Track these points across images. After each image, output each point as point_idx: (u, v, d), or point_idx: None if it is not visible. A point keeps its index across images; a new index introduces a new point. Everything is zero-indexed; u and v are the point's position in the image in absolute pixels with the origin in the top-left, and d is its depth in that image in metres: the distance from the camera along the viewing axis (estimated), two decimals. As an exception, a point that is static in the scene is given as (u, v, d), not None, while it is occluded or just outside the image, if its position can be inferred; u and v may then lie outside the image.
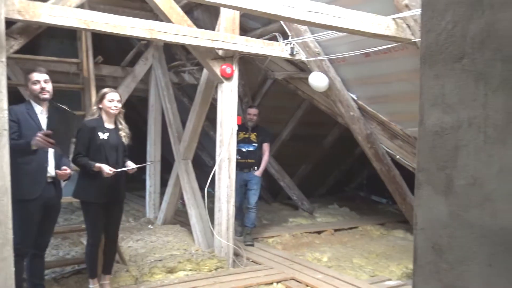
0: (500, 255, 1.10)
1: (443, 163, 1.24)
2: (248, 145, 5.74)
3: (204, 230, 5.37)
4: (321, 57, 5.03)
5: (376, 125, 5.34)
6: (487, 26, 1.15)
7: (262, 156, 5.77)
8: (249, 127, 5.78)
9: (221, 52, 4.68)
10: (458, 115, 1.21)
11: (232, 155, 4.77)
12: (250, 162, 5.73)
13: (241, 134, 5.64)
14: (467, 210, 1.17)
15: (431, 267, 1.25)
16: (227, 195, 4.75)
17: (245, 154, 5.70)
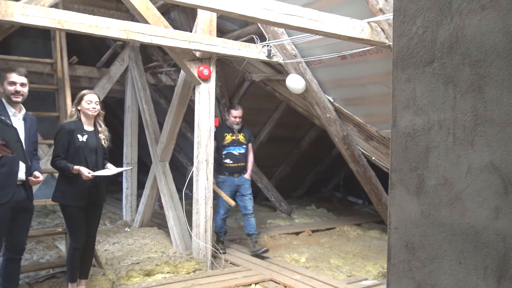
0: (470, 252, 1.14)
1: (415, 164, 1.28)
2: (239, 147, 5.34)
3: (182, 232, 5.34)
4: (298, 59, 5.07)
5: (352, 127, 5.40)
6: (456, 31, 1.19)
7: (248, 157, 5.46)
8: (234, 129, 5.37)
9: (198, 54, 4.67)
10: (428, 118, 1.25)
11: (210, 157, 4.76)
12: (242, 165, 5.35)
13: (228, 136, 5.31)
14: (438, 209, 1.21)
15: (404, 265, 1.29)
16: (205, 196, 4.74)
17: (237, 157, 5.31)
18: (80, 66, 6.54)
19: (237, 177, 5.30)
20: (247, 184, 5.33)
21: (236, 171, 5.30)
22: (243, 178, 5.33)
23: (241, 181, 5.31)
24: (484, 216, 1.11)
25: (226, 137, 5.28)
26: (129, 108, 6.82)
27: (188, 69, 4.64)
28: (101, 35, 3.83)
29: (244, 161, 5.37)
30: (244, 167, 5.38)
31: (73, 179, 3.54)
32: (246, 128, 5.50)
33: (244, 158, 5.36)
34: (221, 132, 5.27)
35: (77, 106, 3.67)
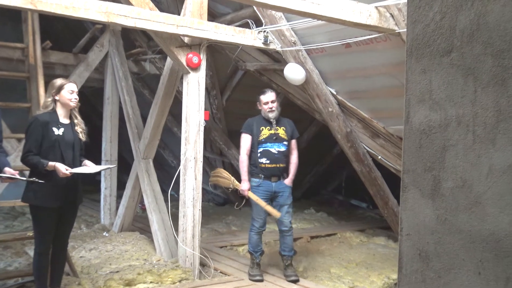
0: (490, 262, 1.14)
1: (430, 164, 1.28)
2: (278, 143, 4.69)
3: (166, 238, 5.33)
4: (298, 47, 5.07)
5: (356, 123, 5.42)
6: (477, 18, 1.19)
7: (290, 157, 4.81)
8: (272, 121, 4.74)
9: (187, 40, 4.65)
10: (446, 113, 1.25)
11: (198, 154, 4.76)
12: (281, 167, 4.71)
13: (265, 131, 4.73)
14: (455, 214, 1.21)
15: (417, 275, 1.29)
16: (192, 198, 4.73)
17: (276, 157, 4.67)
18: (54, 51, 6.49)
19: (275, 182, 4.69)
20: (287, 192, 4.72)
21: (274, 173, 4.68)
22: (282, 183, 4.71)
23: (280, 187, 4.70)
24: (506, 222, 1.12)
25: (262, 131, 4.72)
26: (109, 99, 6.78)
27: (176, 57, 4.62)
28: (78, 17, 3.80)
29: (285, 162, 4.73)
30: (285, 170, 4.75)
31: (47, 177, 3.51)
32: (287, 120, 4.87)
33: (284, 158, 4.72)
34: (257, 125, 4.77)
35: (55, 96, 3.64)
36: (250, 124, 4.82)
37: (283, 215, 4.72)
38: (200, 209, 4.81)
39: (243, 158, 4.77)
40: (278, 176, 4.70)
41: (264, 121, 4.77)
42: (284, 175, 4.75)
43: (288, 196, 4.73)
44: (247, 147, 4.77)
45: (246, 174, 4.73)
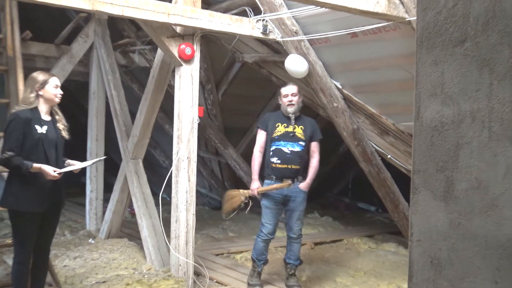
0: (508, 270, 1.14)
1: (442, 164, 1.28)
2: (292, 143, 4.64)
3: (158, 245, 5.33)
4: (300, 37, 5.06)
5: (364, 119, 5.42)
6: (493, 5, 1.19)
7: (310, 161, 4.77)
8: (291, 116, 4.68)
9: (179, 29, 4.64)
10: (459, 108, 1.25)
11: (192, 154, 4.75)
12: (294, 169, 4.64)
13: (281, 128, 4.68)
14: (470, 218, 1.21)
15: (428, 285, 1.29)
16: (186, 202, 4.73)
17: (287, 157, 4.62)
18: (35, 42, 6.48)
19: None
20: (300, 198, 4.68)
21: (285, 175, 4.62)
22: (296, 188, 4.65)
23: (293, 191, 4.63)
24: (525, 227, 1.12)
25: (277, 128, 4.68)
26: (95, 94, 6.78)
27: (167, 48, 4.61)
28: (61, 5, 3.79)
29: (300, 164, 4.67)
30: (299, 173, 4.68)
31: (30, 179, 3.50)
32: (309, 120, 4.83)
33: (299, 160, 4.66)
34: (273, 121, 4.75)
35: (39, 91, 3.63)
36: (267, 119, 4.81)
37: (293, 222, 4.72)
38: (194, 214, 4.81)
39: (255, 156, 4.78)
40: (291, 179, 4.63)
41: (283, 117, 4.74)
42: (299, 178, 4.69)
43: (301, 202, 4.71)
44: (260, 143, 4.78)
45: (256, 173, 4.74)
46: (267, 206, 4.69)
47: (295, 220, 4.72)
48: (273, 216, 4.68)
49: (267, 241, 4.76)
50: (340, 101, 5.34)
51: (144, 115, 5.50)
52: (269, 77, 6.12)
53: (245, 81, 7.25)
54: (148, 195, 5.64)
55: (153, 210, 5.55)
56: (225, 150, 7.87)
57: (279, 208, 4.72)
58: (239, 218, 8.06)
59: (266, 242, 4.77)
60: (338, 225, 7.86)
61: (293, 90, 4.71)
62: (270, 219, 4.69)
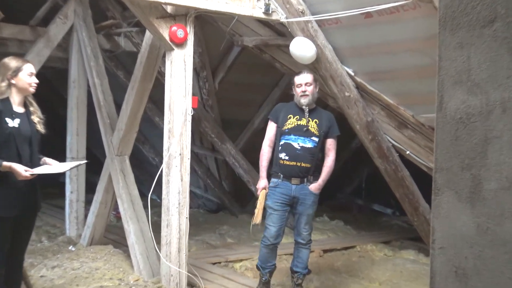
0: (541, 281, 1.14)
1: (468, 161, 1.27)
2: (304, 138, 4.62)
3: (146, 253, 5.34)
4: (306, 17, 5.05)
5: (379, 110, 5.41)
6: (527, -21, 1.18)
7: (325, 159, 4.76)
8: (304, 109, 4.67)
9: (170, 9, 4.63)
10: (488, 97, 1.24)
11: (185, 150, 4.75)
12: (304, 167, 4.62)
13: (293, 120, 4.68)
14: (500, 222, 1.21)
15: (452, 298, 1.29)
16: (178, 204, 4.73)
17: (297, 153, 4.62)
18: (7, 24, 6.46)
19: (296, 185, 4.64)
20: (309, 200, 4.68)
21: (293, 174, 4.63)
22: (305, 189, 4.65)
23: (302, 192, 4.64)
24: (562, 232, 1.11)
25: (289, 120, 4.68)
26: (75, 82, 6.77)
27: (157, 30, 4.60)
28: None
29: (311, 162, 4.64)
30: (309, 172, 4.67)
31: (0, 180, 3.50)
32: (326, 114, 4.85)
33: (310, 157, 4.63)
34: (285, 112, 4.76)
35: (11, 79, 3.62)
36: (278, 110, 4.81)
37: (301, 226, 4.74)
38: (188, 217, 4.81)
39: (263, 150, 4.80)
40: (300, 178, 4.64)
41: (296, 108, 4.73)
42: (310, 178, 4.68)
43: (311, 205, 4.70)
44: (269, 136, 4.79)
45: (263, 170, 4.75)
46: (272, 207, 4.68)
47: (304, 224, 4.73)
48: (279, 218, 4.67)
49: (270, 246, 4.74)
50: (352, 90, 5.33)
51: (131, 106, 5.49)
52: (272, 63, 6.10)
53: (245, 68, 7.23)
54: (135, 196, 5.65)
55: (141, 213, 5.55)
56: (222, 145, 7.86)
57: (285, 210, 4.70)
58: (238, 222, 8.08)
59: (269, 248, 4.75)
60: (350, 230, 7.86)
61: (307, 79, 4.69)
62: (275, 221, 4.67)
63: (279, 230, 4.69)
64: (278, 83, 7.70)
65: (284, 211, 4.69)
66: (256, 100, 7.95)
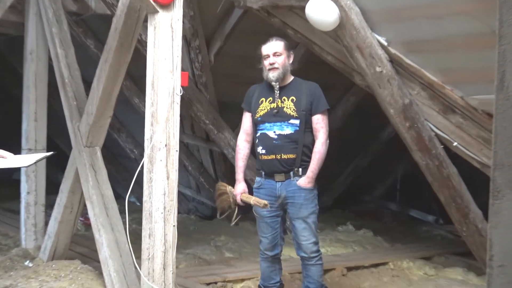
0: None
1: (537, 155, 1.26)
2: (280, 123, 4.70)
3: (123, 270, 5.34)
4: (328, -29, 5.04)
5: (419, 90, 5.40)
6: None
7: (314, 143, 4.77)
8: (274, 85, 4.75)
9: (153, -40, 4.62)
10: None
11: (172, 140, 4.74)
12: (287, 158, 4.70)
13: (265, 104, 4.78)
14: None
15: (514, 330, 1.28)
16: (163, 208, 4.73)
17: (274, 144, 4.70)
18: None
19: (280, 182, 4.73)
20: (300, 198, 4.70)
21: (274, 169, 4.73)
22: (292, 184, 4.71)
23: (289, 190, 4.71)
24: None
25: (261, 105, 4.79)
26: (32, 53, 6.76)
27: (136, -13, 4.59)
28: None
29: (294, 151, 4.70)
30: (296, 164, 4.72)
31: None
32: (307, 85, 4.84)
33: (291, 146, 4.69)
34: (257, 95, 4.86)
35: None
36: (250, 94, 4.89)
37: (298, 234, 4.75)
38: (176, 225, 4.81)
39: (238, 148, 4.95)
40: (285, 173, 4.72)
41: (268, 88, 4.83)
42: (298, 171, 4.73)
43: (302, 204, 4.71)
44: (245, 129, 4.91)
45: (239, 172, 4.90)
46: (258, 213, 4.77)
47: (300, 230, 4.73)
48: (268, 226, 4.78)
49: (269, 260, 4.84)
50: (385, 65, 5.31)
51: (104, 84, 5.48)
52: (283, 29, 6.08)
53: (248, 36, 7.20)
54: (109, 199, 5.65)
55: (117, 220, 5.56)
56: (219, 133, 7.86)
57: (276, 216, 4.79)
58: (240, 231, 8.10)
59: (268, 261, 4.85)
60: (381, 242, 7.86)
61: (276, 47, 4.78)
62: (265, 231, 4.81)
63: (273, 240, 4.80)
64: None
65: (274, 216, 4.78)
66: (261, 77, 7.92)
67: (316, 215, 4.81)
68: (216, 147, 8.27)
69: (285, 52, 4.80)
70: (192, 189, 9.32)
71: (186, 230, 7.93)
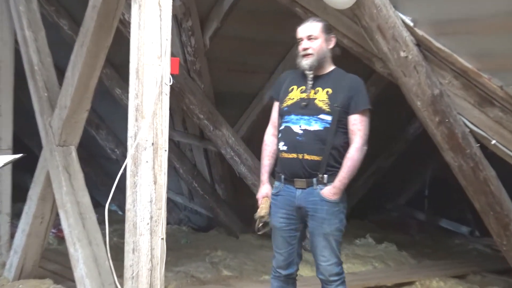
0: None
1: None
2: (308, 117, 4.58)
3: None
4: None
5: (451, 79, 5.39)
6: None
7: (346, 147, 4.63)
8: (307, 74, 4.62)
9: None
10: None
11: (160, 137, 4.74)
12: (311, 160, 4.56)
13: (295, 92, 4.70)
14: None
15: None
16: (150, 218, 4.72)
17: (298, 141, 4.59)
18: None
19: (300, 189, 4.60)
20: (322, 211, 4.57)
21: (295, 172, 4.62)
22: (314, 194, 4.57)
23: (310, 200, 4.58)
24: None
25: (290, 93, 4.72)
26: (-4, 36, 6.79)
27: (117, -43, 4.60)
28: None
29: (321, 153, 4.56)
30: (321, 169, 4.58)
31: None
32: (347, 78, 4.73)
33: (319, 146, 4.56)
34: (289, 82, 4.80)
35: None
36: (281, 81, 4.83)
37: (318, 253, 4.67)
38: (164, 238, 4.81)
39: (265, 143, 4.87)
40: (307, 179, 4.58)
41: (302, 76, 4.70)
42: (322, 178, 4.56)
43: (325, 218, 4.57)
44: (273, 121, 4.84)
45: (264, 172, 4.79)
46: (274, 225, 4.70)
47: (320, 249, 4.65)
48: (284, 241, 4.70)
49: (281, 279, 4.79)
50: (411, 49, 5.32)
51: (80, 73, 5.48)
52: (291, 7, 6.09)
53: (250, 16, 7.22)
54: (86, 207, 5.66)
55: (95, 232, 5.57)
56: (215, 131, 7.85)
57: (293, 229, 4.70)
58: (240, 245, 8.10)
59: (280, 281, 4.80)
60: (406, 258, 7.87)
61: (310, 30, 4.63)
62: (280, 245, 4.73)
63: (289, 257, 4.72)
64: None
65: (291, 229, 4.69)
66: (266, 64, 7.93)
67: (340, 233, 4.70)
68: (212, 146, 8.27)
69: (322, 35, 4.63)
70: (184, 196, 9.33)
71: (176, 244, 7.94)
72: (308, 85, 4.59)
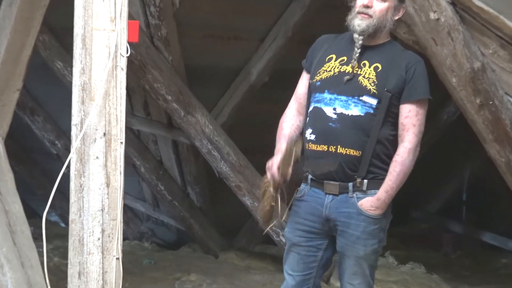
0: None
1: None
2: (346, 98, 4.47)
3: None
4: None
5: (497, 48, 5.41)
6: None
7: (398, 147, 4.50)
8: (356, 39, 4.49)
9: None
10: None
11: (114, 125, 4.74)
12: (345, 155, 4.47)
13: (334, 63, 4.58)
14: None
15: None
16: (101, 232, 4.73)
17: (330, 128, 4.49)
18: None
19: (331, 195, 4.53)
20: (358, 228, 4.48)
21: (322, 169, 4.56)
22: (350, 203, 4.49)
23: (342, 212, 4.50)
24: None
25: (326, 64, 4.60)
26: None
27: None
28: None
29: (360, 147, 4.46)
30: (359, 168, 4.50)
31: None
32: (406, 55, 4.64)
33: (355, 136, 4.46)
34: (327, 49, 4.69)
35: None
36: (316, 47, 4.71)
37: (345, 279, 4.64)
38: (120, 258, 4.82)
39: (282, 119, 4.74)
40: (341, 181, 4.50)
41: (346, 43, 4.62)
42: (361, 183, 4.48)
43: (359, 237, 4.48)
44: (298, 95, 4.74)
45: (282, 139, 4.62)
46: (289, 238, 4.66)
47: (349, 275, 4.62)
48: (300, 260, 4.63)
49: None
50: (444, 9, 5.33)
51: (8, 41, 5.49)
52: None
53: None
54: (17, 218, 5.66)
55: (29, 250, 5.57)
56: (188, 116, 7.85)
57: (316, 246, 4.63)
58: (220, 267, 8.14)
59: None
60: (438, 282, 7.90)
61: None
62: (294, 266, 4.66)
63: (302, 284, 4.67)
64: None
65: (311, 247, 4.63)
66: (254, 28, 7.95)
67: (376, 256, 4.69)
68: (183, 138, 8.27)
69: (393, 1, 4.52)
70: (147, 203, 9.35)
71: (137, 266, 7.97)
72: (355, 55, 4.45)
